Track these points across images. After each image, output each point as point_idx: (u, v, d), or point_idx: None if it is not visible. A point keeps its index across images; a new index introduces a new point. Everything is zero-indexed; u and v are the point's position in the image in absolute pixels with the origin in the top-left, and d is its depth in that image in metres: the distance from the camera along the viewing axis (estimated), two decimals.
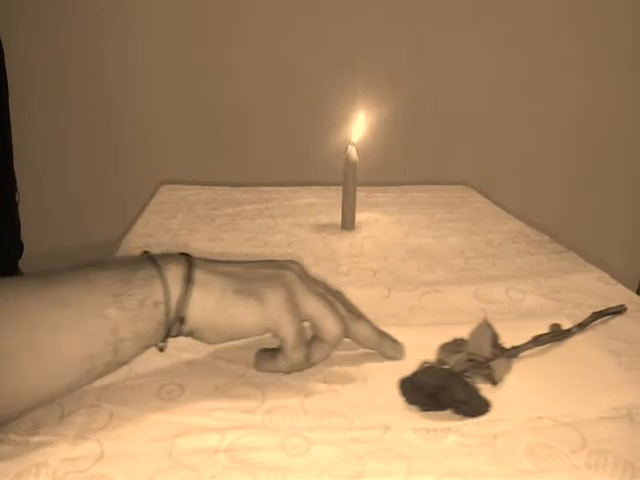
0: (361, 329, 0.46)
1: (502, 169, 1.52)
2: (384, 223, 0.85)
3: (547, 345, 0.49)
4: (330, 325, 0.42)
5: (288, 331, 0.41)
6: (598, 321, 0.53)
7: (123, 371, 0.44)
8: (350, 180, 0.80)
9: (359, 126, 0.78)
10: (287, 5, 1.42)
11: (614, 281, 0.64)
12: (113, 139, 1.52)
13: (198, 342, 0.49)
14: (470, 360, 0.43)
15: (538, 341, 0.48)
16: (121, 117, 1.50)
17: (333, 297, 0.45)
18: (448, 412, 0.40)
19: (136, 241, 0.74)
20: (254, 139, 1.50)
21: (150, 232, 0.77)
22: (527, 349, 0.47)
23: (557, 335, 0.49)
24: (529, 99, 1.51)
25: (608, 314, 0.55)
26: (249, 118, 1.48)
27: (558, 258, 0.71)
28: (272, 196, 0.96)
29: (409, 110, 1.46)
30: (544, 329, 0.50)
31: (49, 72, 1.45)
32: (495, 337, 0.46)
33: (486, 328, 0.46)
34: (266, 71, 1.46)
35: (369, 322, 0.47)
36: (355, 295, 0.59)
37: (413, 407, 0.41)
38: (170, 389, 0.42)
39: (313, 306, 0.42)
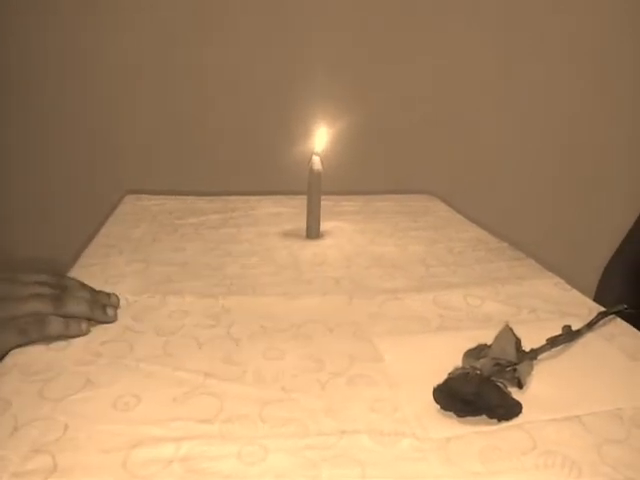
0: (70, 307, 0.52)
1: (467, 178, 1.55)
2: (349, 232, 0.86)
3: (561, 346, 0.51)
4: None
5: None
6: (602, 321, 0.56)
7: (79, 382, 0.44)
8: (314, 189, 0.80)
9: (322, 136, 0.79)
10: (250, 16, 1.43)
11: (569, 287, 0.66)
12: (77, 149, 1.50)
13: (157, 353, 0.49)
14: (496, 365, 0.44)
15: (554, 343, 0.50)
16: (86, 126, 1.48)
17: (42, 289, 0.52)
18: (483, 417, 0.41)
19: (97, 252, 0.73)
20: (220, 149, 1.50)
21: (112, 242, 0.76)
22: (545, 351, 0.49)
23: (569, 336, 0.52)
24: (493, 108, 1.54)
25: (611, 314, 0.57)
26: (214, 127, 1.48)
27: (517, 265, 0.73)
28: (237, 205, 0.96)
29: (376, 119, 1.48)
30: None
31: (6, 78, 1.43)
32: (518, 341, 0.47)
33: (509, 333, 0.47)
34: (230, 80, 1.46)
35: (78, 298, 0.53)
36: (316, 303, 0.60)
37: (448, 414, 0.41)
38: (127, 400, 0.42)
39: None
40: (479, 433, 0.40)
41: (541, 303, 0.61)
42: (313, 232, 0.82)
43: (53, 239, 1.49)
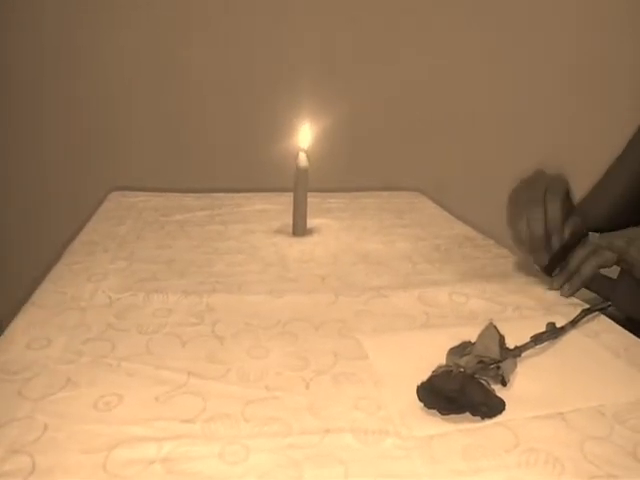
0: None
1: (454, 174, 1.55)
2: (335, 229, 0.85)
3: (545, 343, 0.51)
4: None
5: None
6: (586, 318, 0.56)
7: (60, 382, 0.43)
8: (301, 186, 0.80)
9: (307, 132, 0.78)
10: (238, 16, 1.42)
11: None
12: (65, 146, 1.48)
13: (139, 351, 0.48)
14: (480, 362, 0.44)
15: (538, 340, 0.50)
16: (74, 124, 1.47)
17: None
18: (467, 415, 0.41)
19: (81, 249, 0.72)
20: (206, 146, 1.49)
21: (96, 239, 0.75)
22: (529, 348, 0.49)
23: (553, 333, 0.52)
24: (480, 105, 1.54)
25: (595, 311, 0.58)
26: (201, 125, 1.47)
27: (502, 262, 0.73)
28: (224, 202, 0.95)
29: (362, 116, 1.47)
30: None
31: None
32: (502, 339, 0.47)
33: (493, 330, 0.47)
34: (217, 79, 1.45)
35: None
36: (302, 301, 0.60)
37: (432, 412, 0.41)
38: (108, 399, 0.42)
39: None
40: (462, 431, 0.40)
41: (526, 300, 0.62)
42: (299, 229, 0.82)
43: (40, 236, 1.48)
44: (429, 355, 0.47)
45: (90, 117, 1.47)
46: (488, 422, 0.41)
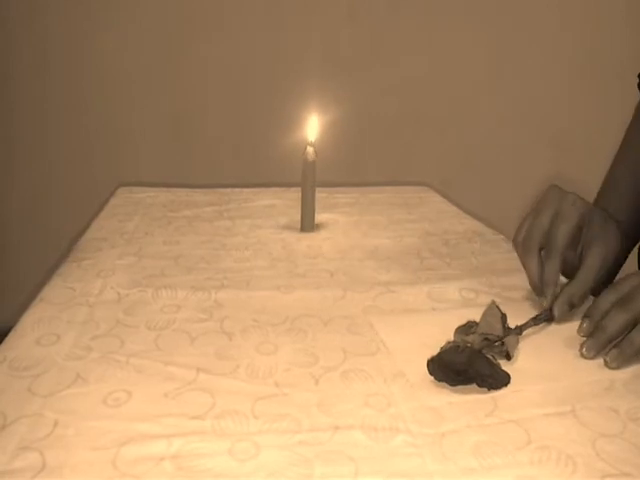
0: None
1: (463, 169, 1.54)
2: (343, 224, 0.85)
3: (544, 323, 0.54)
4: None
5: None
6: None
7: (69, 378, 0.43)
8: (309, 181, 0.79)
9: (314, 126, 0.78)
10: (243, 9, 1.42)
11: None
12: (72, 142, 1.48)
13: (148, 347, 0.48)
14: (485, 339, 0.46)
15: (537, 320, 0.53)
16: (81, 119, 1.47)
17: None
18: (474, 386, 0.43)
19: (89, 245, 0.72)
20: (213, 141, 1.49)
21: (104, 236, 0.75)
22: (529, 327, 0.52)
23: (551, 313, 0.54)
24: (486, 100, 1.53)
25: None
26: (208, 120, 1.47)
27: (512, 257, 0.71)
28: (231, 198, 0.95)
29: (370, 111, 1.47)
30: None
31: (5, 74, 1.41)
32: (504, 317, 0.49)
33: (495, 309, 0.50)
34: (224, 73, 1.45)
35: None
36: (311, 297, 0.60)
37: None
38: (117, 396, 0.42)
39: None
40: (473, 428, 0.39)
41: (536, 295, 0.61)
42: (307, 225, 0.81)
43: (47, 232, 1.48)
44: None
45: (96, 113, 1.47)
46: (499, 419, 0.40)
